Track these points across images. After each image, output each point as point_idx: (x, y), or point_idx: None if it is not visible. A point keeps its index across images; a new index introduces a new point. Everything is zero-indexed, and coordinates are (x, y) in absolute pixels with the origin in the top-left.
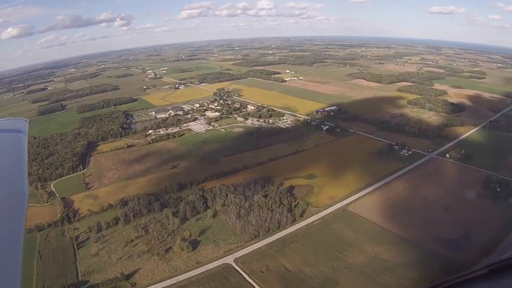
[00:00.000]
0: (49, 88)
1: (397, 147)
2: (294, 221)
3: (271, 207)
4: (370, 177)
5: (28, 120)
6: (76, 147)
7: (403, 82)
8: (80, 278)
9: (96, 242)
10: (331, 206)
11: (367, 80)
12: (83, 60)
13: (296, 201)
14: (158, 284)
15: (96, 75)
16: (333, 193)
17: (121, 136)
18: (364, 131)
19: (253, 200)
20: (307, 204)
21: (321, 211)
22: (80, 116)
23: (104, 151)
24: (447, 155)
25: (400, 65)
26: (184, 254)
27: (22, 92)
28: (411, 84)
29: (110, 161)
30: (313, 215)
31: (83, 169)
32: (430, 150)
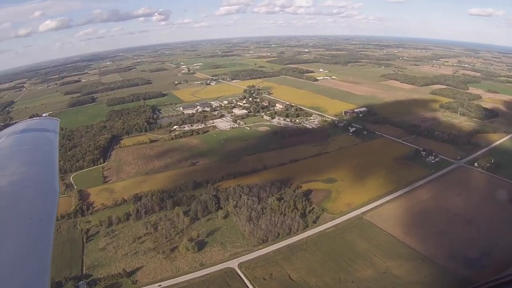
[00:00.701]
0: (83, 80)
1: (424, 153)
2: (306, 228)
3: (284, 211)
4: (392, 184)
5: (59, 120)
6: (99, 140)
7: (437, 85)
8: (84, 272)
9: (105, 236)
10: (347, 213)
11: (400, 82)
12: (120, 54)
13: (312, 206)
14: (158, 283)
15: (130, 69)
16: (351, 200)
17: (146, 131)
18: (391, 135)
19: (267, 203)
20: (322, 210)
21: (336, 218)
22: (109, 109)
23: (126, 145)
24: (476, 164)
25: (436, 67)
26: (189, 254)
27: (56, 84)
28: (445, 87)
29: (131, 156)
30: (327, 222)
31: (104, 162)
32: (459, 157)
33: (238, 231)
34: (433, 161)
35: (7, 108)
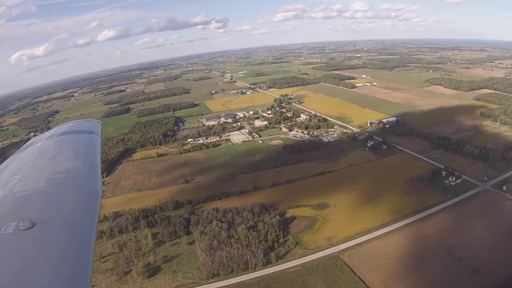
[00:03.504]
0: (128, 90)
1: (445, 173)
2: (267, 264)
3: (250, 242)
4: (393, 214)
5: (100, 122)
6: (111, 154)
7: (484, 90)
8: None
9: None
10: (323, 249)
11: (444, 87)
12: (176, 62)
13: (286, 238)
14: None
15: (176, 78)
16: (335, 232)
17: (161, 144)
18: (414, 149)
19: (235, 231)
20: (296, 244)
21: (308, 255)
22: (139, 120)
23: (135, 159)
24: (504, 188)
25: (488, 69)
26: (140, 280)
27: (103, 93)
28: (492, 91)
29: (133, 171)
30: (295, 259)
31: (106, 176)
32: (486, 178)
33: (196, 260)
34: (453, 183)
35: (49, 118)
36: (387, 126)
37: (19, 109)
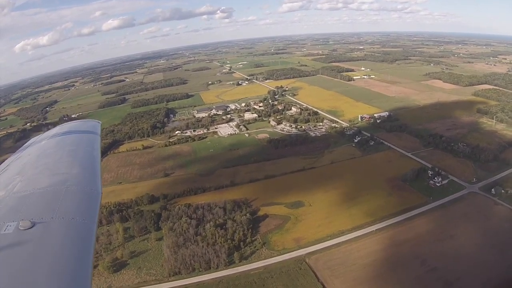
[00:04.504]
0: (127, 80)
1: (431, 173)
2: (230, 265)
3: (217, 240)
4: (369, 216)
5: (100, 122)
6: None
7: (484, 85)
8: None
9: None
10: (290, 251)
11: (443, 81)
12: (180, 52)
13: (254, 237)
14: None
15: (176, 68)
16: (305, 233)
17: (148, 136)
18: (403, 146)
19: (204, 228)
20: (263, 244)
21: (274, 256)
22: (132, 111)
23: (121, 151)
24: (493, 191)
25: (491, 64)
26: (105, 274)
27: (102, 83)
28: (492, 87)
29: (117, 163)
30: (258, 261)
31: None
32: (475, 180)
33: (162, 257)
34: (438, 184)
35: (47, 108)
36: (378, 121)
37: (20, 98)
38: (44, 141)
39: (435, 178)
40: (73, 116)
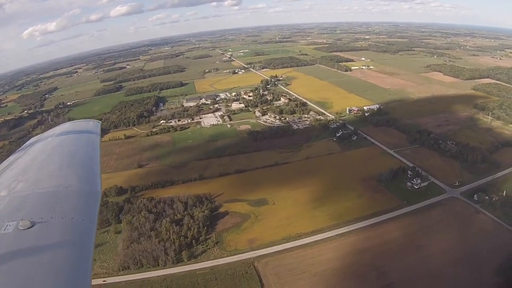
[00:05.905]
0: (128, 67)
1: (410, 173)
2: (177, 263)
3: (170, 237)
4: (333, 219)
5: (100, 122)
6: None
7: (485, 79)
8: None
9: None
10: (241, 253)
11: (444, 74)
12: (187, 39)
13: (209, 235)
14: None
15: (178, 55)
16: (262, 234)
17: (134, 125)
18: (387, 143)
19: (161, 223)
20: (216, 243)
21: (223, 257)
22: (125, 99)
23: (103, 141)
24: (475, 197)
25: (497, 58)
26: None
27: (103, 70)
28: (494, 82)
29: None
30: (206, 261)
31: None
32: (457, 183)
33: (116, 251)
34: (416, 187)
35: (47, 95)
36: (366, 114)
37: (24, 85)
38: (44, 141)
39: (414, 179)
40: (68, 103)
